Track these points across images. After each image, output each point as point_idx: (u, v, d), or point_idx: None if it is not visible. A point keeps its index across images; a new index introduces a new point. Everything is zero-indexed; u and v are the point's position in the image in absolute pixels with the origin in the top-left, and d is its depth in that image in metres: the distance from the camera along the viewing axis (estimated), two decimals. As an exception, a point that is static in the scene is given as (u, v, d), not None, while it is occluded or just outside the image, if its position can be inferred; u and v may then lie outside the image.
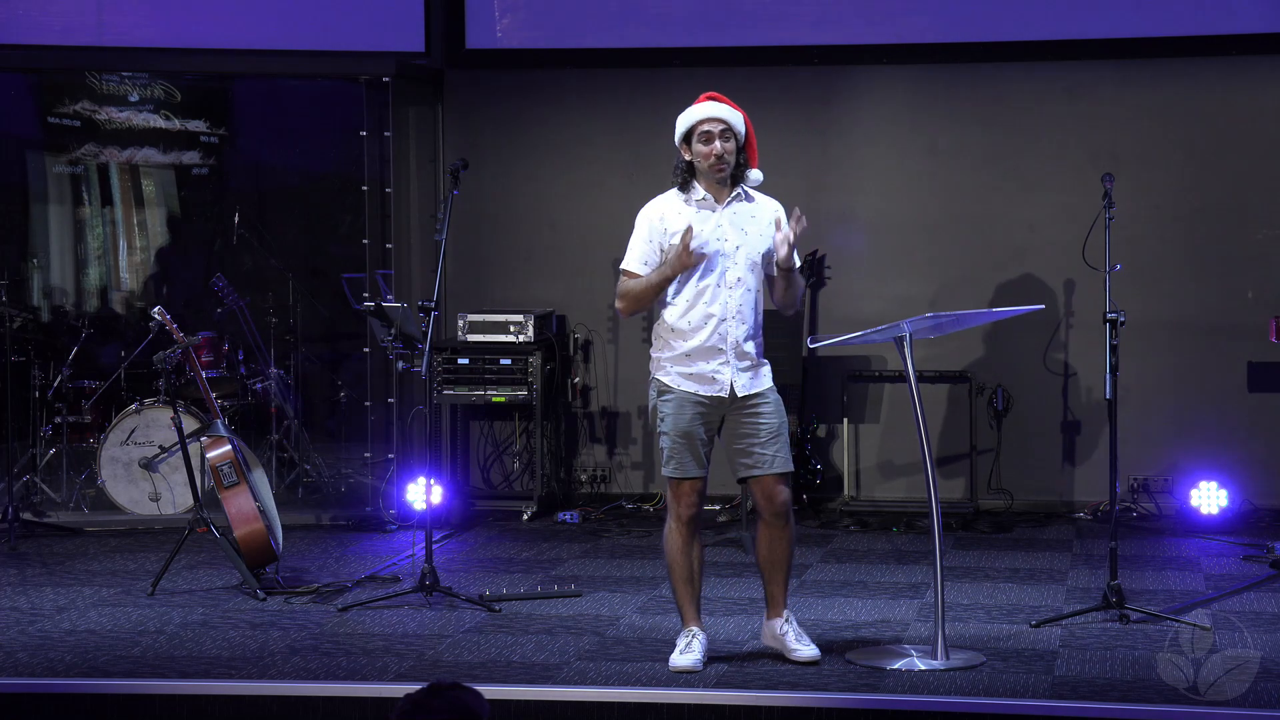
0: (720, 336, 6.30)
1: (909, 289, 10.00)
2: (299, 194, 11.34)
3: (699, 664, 6.32)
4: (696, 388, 6.32)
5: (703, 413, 6.33)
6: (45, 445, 9.84)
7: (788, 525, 6.43)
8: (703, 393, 6.32)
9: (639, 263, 6.39)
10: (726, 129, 6.32)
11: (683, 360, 6.33)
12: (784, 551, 6.45)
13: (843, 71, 10.23)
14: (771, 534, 6.43)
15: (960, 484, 9.73)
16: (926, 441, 6.49)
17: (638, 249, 6.41)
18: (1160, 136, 9.94)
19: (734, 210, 6.37)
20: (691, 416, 6.32)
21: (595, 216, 10.40)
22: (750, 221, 6.38)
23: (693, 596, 6.43)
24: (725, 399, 6.32)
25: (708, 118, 6.34)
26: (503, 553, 8.84)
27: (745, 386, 6.33)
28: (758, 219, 6.39)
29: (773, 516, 6.41)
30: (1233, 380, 9.83)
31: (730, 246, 6.33)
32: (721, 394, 6.32)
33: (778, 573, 6.47)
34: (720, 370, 6.31)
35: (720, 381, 6.31)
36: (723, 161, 6.31)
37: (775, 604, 6.51)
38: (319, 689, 6.14)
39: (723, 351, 6.30)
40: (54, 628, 7.11)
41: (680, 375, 6.34)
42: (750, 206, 6.41)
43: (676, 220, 6.35)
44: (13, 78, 10.82)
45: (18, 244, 11.12)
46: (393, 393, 10.16)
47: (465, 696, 3.69)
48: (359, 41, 10.26)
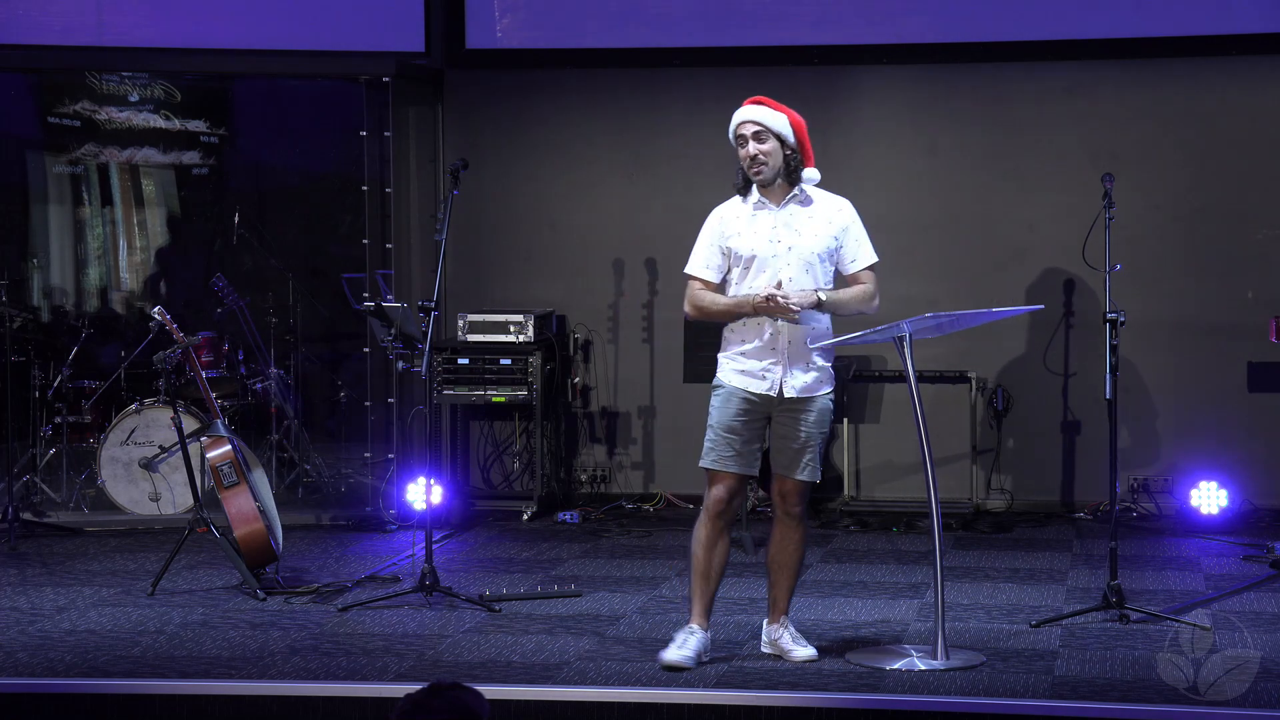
0: (773, 336, 6.32)
1: (909, 289, 9.99)
2: (299, 194, 11.34)
3: (690, 661, 6.31)
4: (746, 384, 6.35)
5: (748, 410, 6.35)
6: (45, 445, 9.84)
7: (799, 528, 6.45)
8: (751, 389, 6.34)
9: (702, 266, 6.43)
10: (761, 130, 6.33)
11: (739, 357, 6.38)
12: (791, 554, 6.47)
13: (843, 71, 10.23)
14: (783, 533, 6.46)
15: (960, 484, 9.73)
16: (926, 441, 6.49)
17: (701, 254, 6.44)
18: (1160, 136, 9.94)
19: (790, 211, 6.39)
20: (736, 412, 6.35)
21: (595, 216, 10.41)
22: (806, 222, 6.39)
23: (705, 593, 6.44)
24: (774, 398, 6.34)
25: (742, 120, 6.37)
26: (503, 553, 8.84)
27: (795, 389, 6.34)
28: (814, 219, 6.40)
29: (784, 515, 6.45)
30: (1233, 380, 9.83)
31: (783, 248, 6.34)
32: (770, 393, 6.34)
33: (782, 575, 6.48)
34: (770, 369, 6.33)
35: (770, 380, 6.33)
36: (756, 163, 6.33)
37: (776, 608, 6.52)
38: (319, 689, 6.14)
39: (775, 351, 6.33)
40: (54, 628, 7.11)
41: (733, 371, 6.39)
42: (808, 207, 6.41)
43: (735, 223, 6.40)
44: (13, 78, 10.82)
45: (18, 244, 11.12)
46: (393, 393, 10.16)
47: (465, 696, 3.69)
48: (359, 41, 10.26)
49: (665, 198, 10.23)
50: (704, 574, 6.42)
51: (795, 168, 6.38)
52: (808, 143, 6.43)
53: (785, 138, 6.35)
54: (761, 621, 6.66)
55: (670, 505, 10.15)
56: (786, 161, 6.36)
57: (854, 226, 6.44)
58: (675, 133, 10.36)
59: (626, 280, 10.32)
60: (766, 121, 6.33)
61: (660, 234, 10.19)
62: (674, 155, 10.34)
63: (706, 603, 6.46)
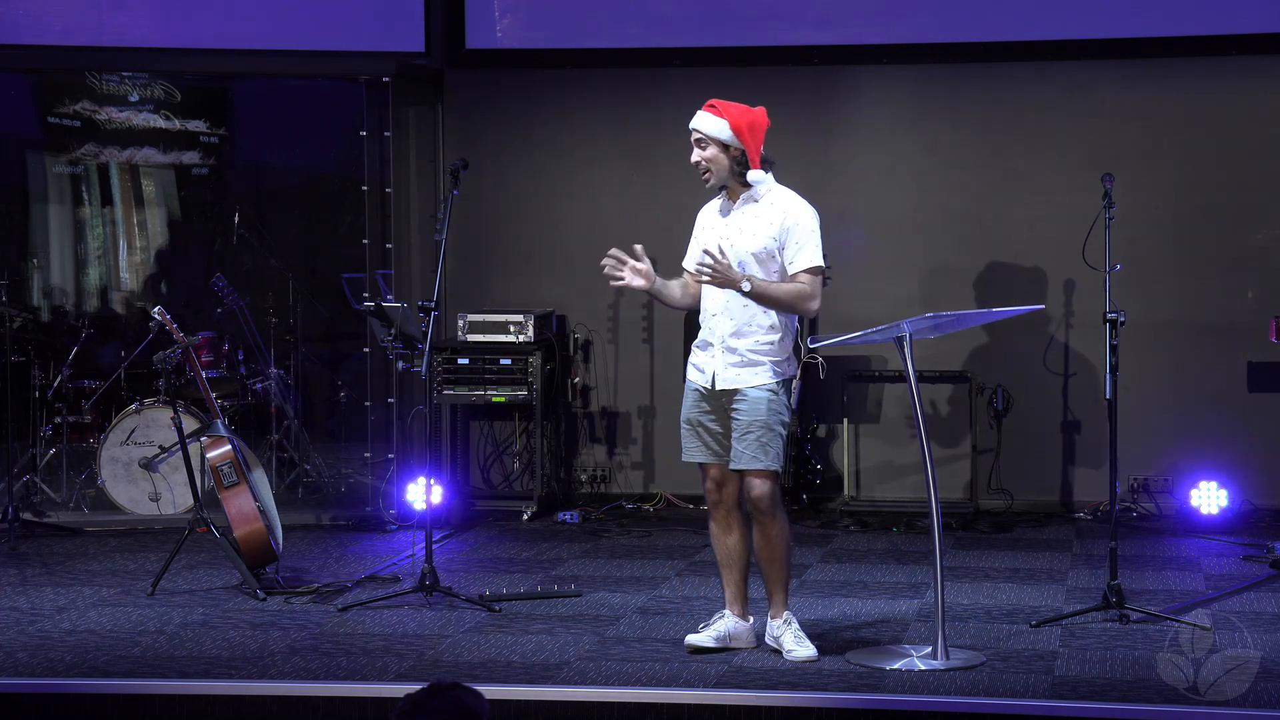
0: (710, 330, 6.52)
1: (909, 289, 10.00)
2: (299, 194, 11.33)
3: (710, 642, 6.50)
4: (694, 376, 6.58)
5: (700, 400, 6.54)
6: (45, 445, 9.84)
7: (771, 521, 6.46)
8: (696, 382, 6.56)
9: (688, 259, 6.70)
10: (701, 138, 6.49)
11: (695, 351, 6.60)
12: (770, 549, 6.49)
13: (843, 71, 10.23)
14: (757, 530, 6.53)
15: (960, 484, 9.72)
16: (926, 441, 6.49)
17: (690, 249, 6.72)
18: (1160, 136, 9.94)
19: (741, 211, 6.53)
20: (693, 403, 6.56)
21: (595, 216, 10.40)
22: (750, 222, 6.50)
23: (731, 580, 6.60)
24: (711, 390, 6.50)
25: (690, 128, 6.53)
26: (503, 553, 8.84)
27: (726, 381, 6.48)
28: (759, 219, 6.49)
29: (752, 510, 6.52)
30: (1233, 380, 9.83)
31: (727, 245, 6.49)
32: (705, 385, 6.52)
33: (770, 570, 6.53)
34: (707, 362, 6.52)
35: (707, 372, 6.52)
36: (700, 169, 6.52)
37: (773, 604, 6.56)
38: (319, 689, 6.14)
39: (712, 345, 6.51)
40: (54, 628, 7.11)
41: (691, 364, 6.61)
42: (755, 207, 6.50)
43: (703, 219, 6.70)
44: (13, 78, 10.82)
45: (18, 244, 11.12)
46: (393, 393, 10.16)
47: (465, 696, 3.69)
48: (359, 41, 10.26)
49: (665, 198, 10.21)
50: (724, 563, 6.61)
51: (743, 169, 6.45)
52: (753, 144, 6.43)
53: (725, 141, 6.43)
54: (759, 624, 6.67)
55: (670, 505, 10.14)
56: (733, 163, 6.45)
57: (797, 229, 6.45)
58: (675, 133, 10.25)
59: (626, 280, 10.30)
60: (704, 129, 6.47)
61: (660, 234, 10.10)
62: (674, 155, 10.26)
63: (734, 590, 6.60)
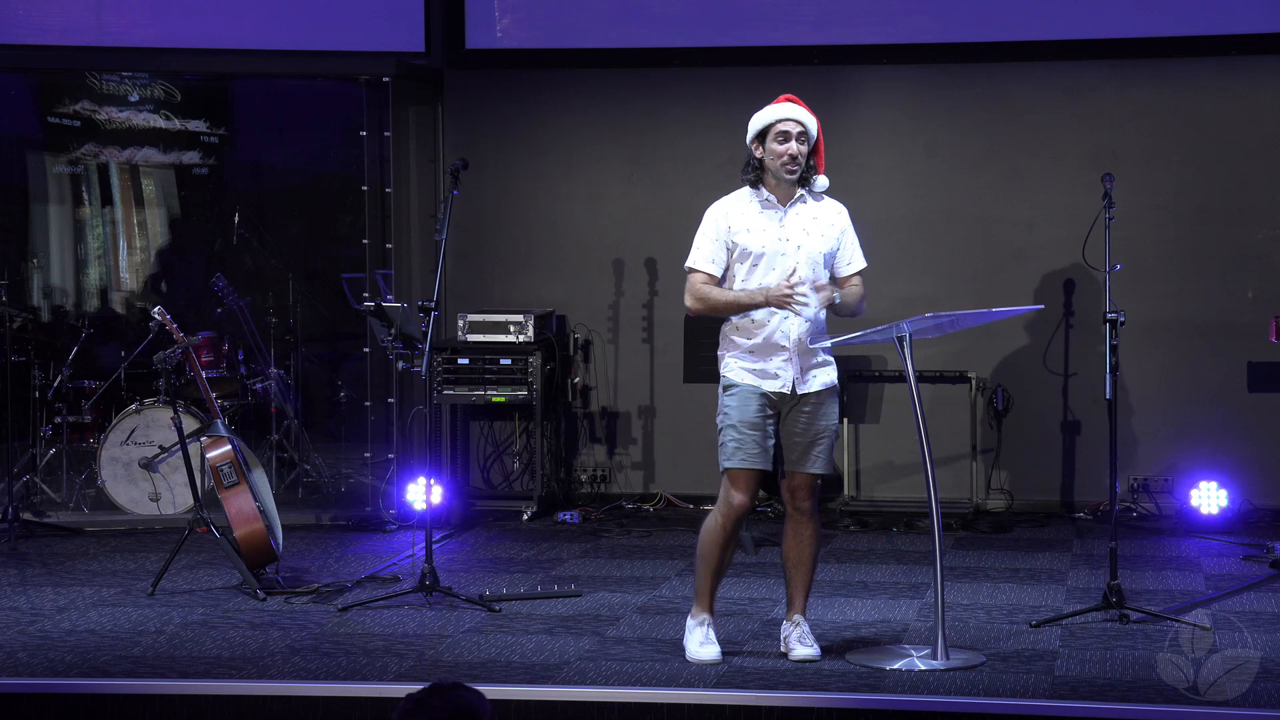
0: (783, 334, 6.36)
1: (909, 289, 9.99)
2: (299, 194, 11.34)
3: (720, 656, 6.42)
4: (759, 382, 6.39)
5: (765, 406, 6.39)
6: (45, 445, 9.84)
7: (813, 522, 6.50)
8: (766, 387, 6.38)
9: (707, 260, 6.45)
10: (803, 131, 6.38)
11: (747, 356, 6.40)
12: (806, 550, 6.51)
13: (843, 71, 10.23)
14: (797, 530, 6.50)
15: (960, 484, 9.73)
16: (926, 441, 6.49)
17: (706, 248, 6.45)
18: (1160, 136, 9.94)
19: (797, 211, 6.43)
20: (758, 408, 6.38)
21: (595, 216, 10.40)
22: (813, 223, 6.44)
23: (714, 589, 6.54)
24: (787, 395, 6.39)
25: (787, 117, 6.38)
26: (503, 553, 8.84)
27: (808, 384, 6.40)
28: (819, 220, 6.45)
29: (795, 512, 6.48)
30: (1233, 380, 9.83)
31: (792, 246, 6.38)
32: (784, 390, 6.38)
33: (799, 572, 6.51)
34: (783, 367, 6.38)
35: (783, 378, 6.38)
36: (795, 162, 6.36)
37: (793, 605, 6.55)
38: (319, 689, 6.14)
39: (785, 349, 6.37)
40: (54, 628, 7.11)
41: (745, 370, 6.41)
42: (812, 208, 6.46)
43: (741, 219, 6.42)
44: (13, 78, 10.82)
45: (18, 244, 11.12)
46: (393, 393, 10.16)
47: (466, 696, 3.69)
48: (359, 41, 10.26)
49: (665, 198, 10.23)
50: (716, 571, 6.50)
51: (811, 170, 6.43)
52: (822, 149, 6.49)
53: (814, 140, 6.42)
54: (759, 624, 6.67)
55: (670, 505, 10.14)
56: (806, 164, 6.41)
57: (849, 231, 6.52)
58: (675, 133, 10.36)
59: (626, 280, 10.32)
60: (807, 123, 6.40)
61: (660, 234, 10.18)
62: (674, 155, 10.34)
63: (714, 596, 6.55)
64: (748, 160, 6.46)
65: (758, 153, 6.42)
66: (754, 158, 6.43)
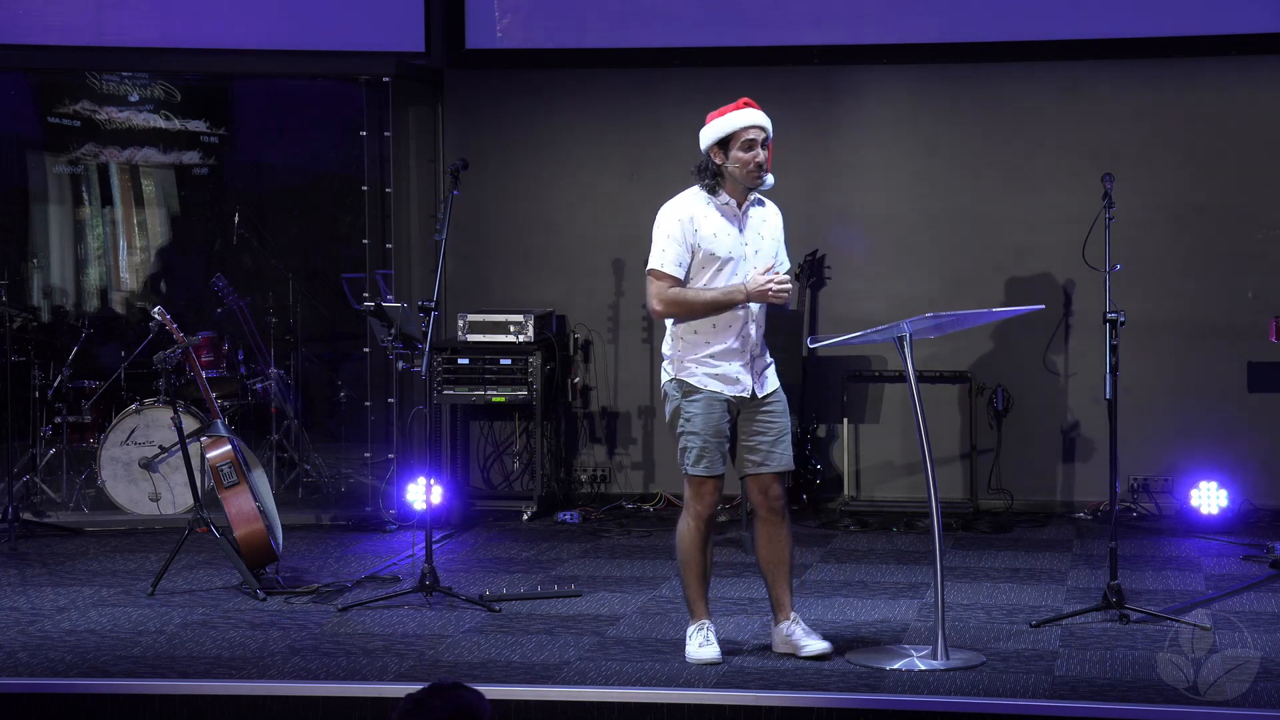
0: (743, 339, 6.39)
1: (909, 289, 10.00)
2: (299, 194, 11.33)
3: (720, 656, 6.42)
4: (722, 387, 6.38)
5: (725, 411, 6.41)
6: (45, 445, 9.84)
7: (784, 521, 6.49)
8: (728, 393, 6.39)
9: (674, 264, 6.40)
10: (768, 138, 6.38)
11: (707, 361, 6.38)
12: (784, 550, 6.49)
13: (843, 71, 10.23)
14: (770, 531, 6.48)
15: (960, 484, 9.73)
16: (926, 441, 6.49)
17: (671, 251, 6.40)
18: (1160, 136, 9.94)
19: (750, 214, 6.46)
20: (720, 415, 6.39)
21: (595, 216, 10.40)
22: (764, 225, 6.49)
23: (704, 592, 6.51)
24: (747, 398, 6.40)
25: (753, 125, 6.35)
26: (503, 553, 8.84)
27: (764, 386, 6.44)
28: (769, 223, 6.51)
29: (769, 512, 6.47)
30: (1233, 380, 9.83)
31: (750, 250, 6.41)
32: (744, 394, 6.40)
33: (779, 572, 6.50)
34: (742, 372, 6.39)
35: (743, 383, 6.39)
36: (763, 170, 6.35)
37: (781, 607, 6.53)
38: (319, 689, 6.14)
39: (743, 353, 6.39)
40: (54, 628, 7.11)
41: (706, 375, 6.39)
42: (762, 211, 6.52)
43: (706, 223, 6.38)
44: (13, 78, 10.82)
45: (18, 244, 11.12)
46: (393, 393, 10.16)
47: (466, 696, 3.69)
48: (359, 41, 10.26)
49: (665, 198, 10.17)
50: (702, 575, 6.48)
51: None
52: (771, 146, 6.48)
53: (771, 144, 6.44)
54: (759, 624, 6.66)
55: (670, 505, 10.13)
56: None
57: (782, 231, 6.58)
58: (675, 133, 10.32)
59: (626, 280, 10.32)
60: (769, 128, 6.41)
61: (660, 234, 10.17)
62: (674, 155, 10.28)
63: (706, 598, 6.54)
64: (705, 165, 6.39)
65: (718, 159, 6.36)
66: (713, 163, 6.38)
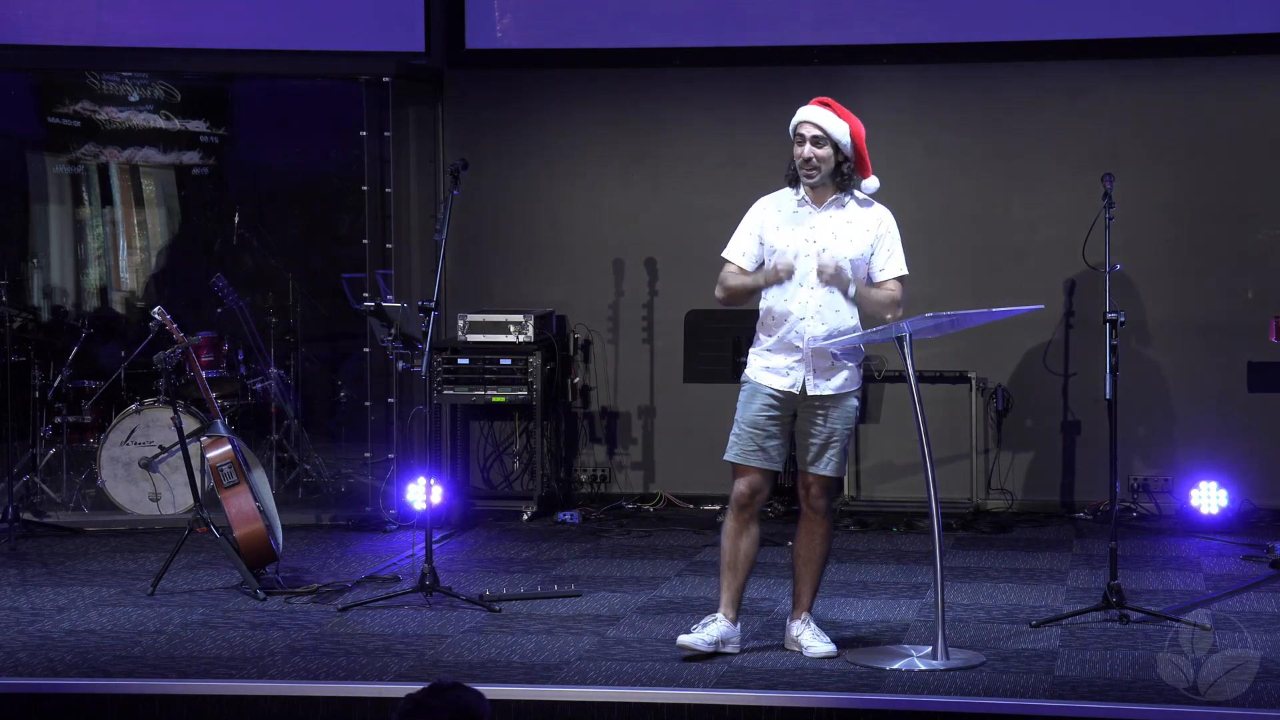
0: (798, 334, 6.39)
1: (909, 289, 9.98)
2: (299, 194, 11.33)
3: (704, 645, 6.39)
4: (770, 380, 6.43)
5: (773, 405, 6.42)
6: (45, 445, 9.84)
7: (823, 523, 6.54)
8: (775, 385, 6.42)
9: (738, 253, 6.53)
10: (820, 135, 6.39)
11: (764, 353, 6.46)
12: (816, 549, 6.54)
13: (843, 71, 10.22)
14: (808, 528, 6.54)
15: (960, 484, 9.73)
16: (926, 441, 6.49)
17: (739, 240, 6.54)
18: (1160, 136, 9.94)
19: (829, 214, 6.46)
20: (760, 407, 6.42)
21: (595, 216, 10.40)
22: (844, 227, 6.46)
23: (731, 585, 6.51)
24: (796, 395, 6.41)
25: (802, 120, 6.43)
26: (503, 553, 8.84)
27: (816, 386, 6.41)
28: (852, 224, 6.48)
29: (809, 510, 6.53)
30: (1233, 380, 9.83)
31: (816, 248, 6.41)
32: (792, 389, 6.41)
33: (807, 569, 6.54)
34: (794, 367, 6.40)
35: (792, 377, 6.41)
36: (810, 165, 6.40)
37: (800, 604, 6.57)
38: (319, 689, 6.14)
39: (798, 349, 6.39)
40: (54, 628, 7.11)
41: (759, 367, 6.47)
42: (848, 212, 6.49)
43: (775, 217, 6.49)
44: (13, 78, 10.82)
45: (18, 244, 11.12)
46: (393, 393, 10.16)
47: (466, 696, 3.69)
48: (359, 41, 10.26)
49: (665, 198, 10.23)
50: (730, 565, 6.50)
51: (847, 175, 6.45)
52: (865, 152, 6.50)
53: (842, 145, 6.42)
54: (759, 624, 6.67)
55: (670, 505, 10.14)
56: (839, 168, 6.42)
57: (887, 237, 6.52)
58: (675, 133, 10.36)
59: (626, 280, 10.32)
60: (827, 127, 6.40)
61: (660, 234, 10.19)
62: (674, 155, 10.34)
63: (732, 594, 6.51)
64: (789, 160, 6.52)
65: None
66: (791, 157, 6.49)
